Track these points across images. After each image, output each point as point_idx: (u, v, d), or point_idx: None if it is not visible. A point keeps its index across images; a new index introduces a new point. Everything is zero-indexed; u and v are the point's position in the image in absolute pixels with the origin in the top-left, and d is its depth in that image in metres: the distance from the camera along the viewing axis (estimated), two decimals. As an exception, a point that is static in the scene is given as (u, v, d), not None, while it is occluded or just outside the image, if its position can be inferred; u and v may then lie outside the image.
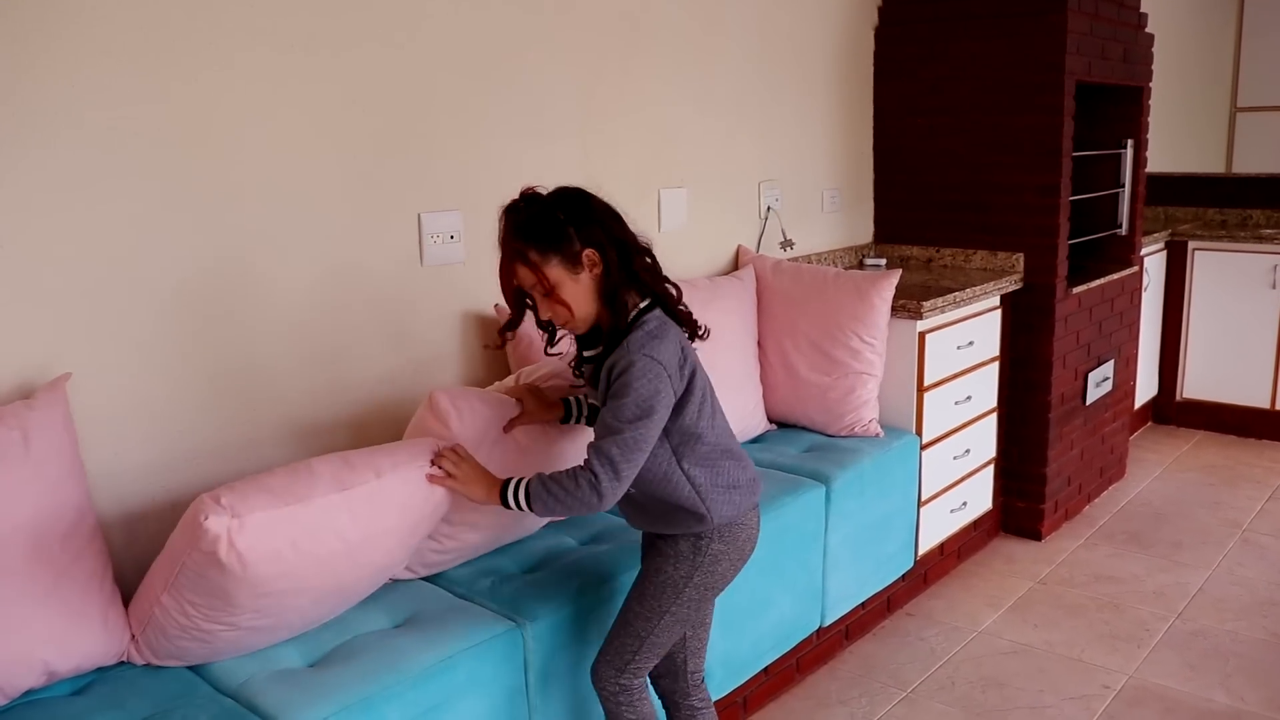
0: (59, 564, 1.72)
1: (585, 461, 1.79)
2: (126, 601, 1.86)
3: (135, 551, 2.01)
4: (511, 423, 2.06)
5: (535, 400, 2.09)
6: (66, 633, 1.72)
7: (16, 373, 1.85)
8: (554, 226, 1.78)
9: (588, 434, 2.15)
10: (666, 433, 1.86)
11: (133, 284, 1.99)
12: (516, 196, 1.82)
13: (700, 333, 1.94)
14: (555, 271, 1.80)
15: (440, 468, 1.85)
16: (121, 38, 1.91)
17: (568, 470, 1.81)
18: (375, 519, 1.79)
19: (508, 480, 1.84)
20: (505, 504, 1.83)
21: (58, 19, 1.83)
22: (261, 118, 2.14)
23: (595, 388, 1.90)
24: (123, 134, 1.93)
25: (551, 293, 1.81)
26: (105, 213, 1.93)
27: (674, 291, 1.89)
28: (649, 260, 1.86)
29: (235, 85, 2.09)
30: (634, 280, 1.83)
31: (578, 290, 1.81)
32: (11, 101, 1.79)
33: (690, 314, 1.92)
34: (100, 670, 1.82)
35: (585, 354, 1.95)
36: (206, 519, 1.60)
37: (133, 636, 1.83)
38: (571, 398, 2.11)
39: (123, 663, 1.84)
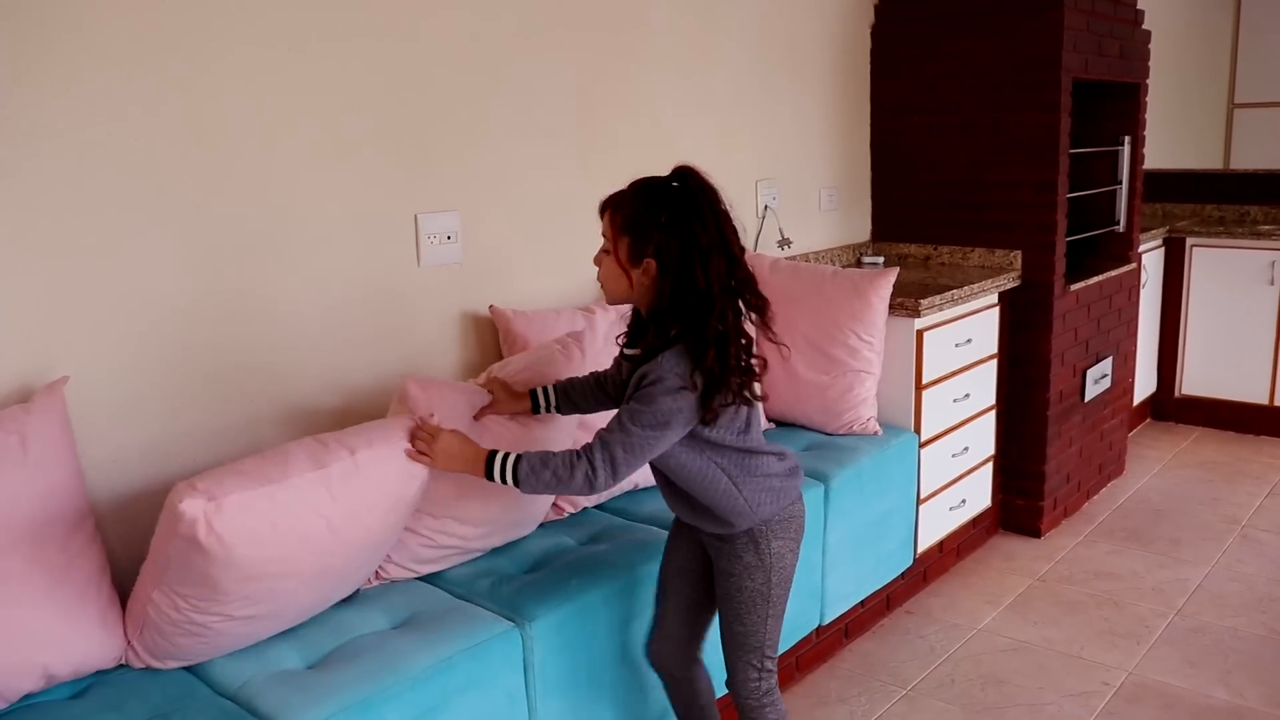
0: (57, 567, 1.72)
1: (586, 449, 1.80)
2: (125, 605, 1.86)
3: (134, 555, 2.01)
4: (482, 411, 2.10)
5: (504, 391, 2.14)
6: (65, 636, 1.72)
7: (14, 376, 1.85)
8: (649, 216, 1.78)
9: (555, 422, 2.20)
10: (696, 436, 1.85)
11: (131, 287, 1.98)
12: (685, 165, 1.84)
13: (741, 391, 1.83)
14: (621, 248, 1.81)
15: (415, 447, 1.85)
16: (119, 42, 1.91)
17: (564, 455, 1.81)
18: (355, 495, 1.79)
19: (493, 454, 1.84)
20: (490, 478, 1.83)
21: (56, 24, 1.83)
22: (257, 119, 2.14)
23: (624, 386, 1.89)
24: (119, 137, 1.93)
25: (609, 253, 1.83)
26: (103, 215, 1.93)
27: (721, 354, 1.76)
28: (706, 307, 1.75)
29: (231, 86, 2.09)
30: (680, 312, 1.77)
31: (621, 275, 1.83)
32: (9, 105, 1.79)
33: (739, 380, 1.80)
34: (99, 673, 1.82)
35: (627, 351, 1.94)
36: (182, 502, 1.61)
37: (129, 641, 1.83)
38: (539, 389, 2.14)
39: (122, 665, 1.84)
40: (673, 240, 1.76)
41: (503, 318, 2.58)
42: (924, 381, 3.19)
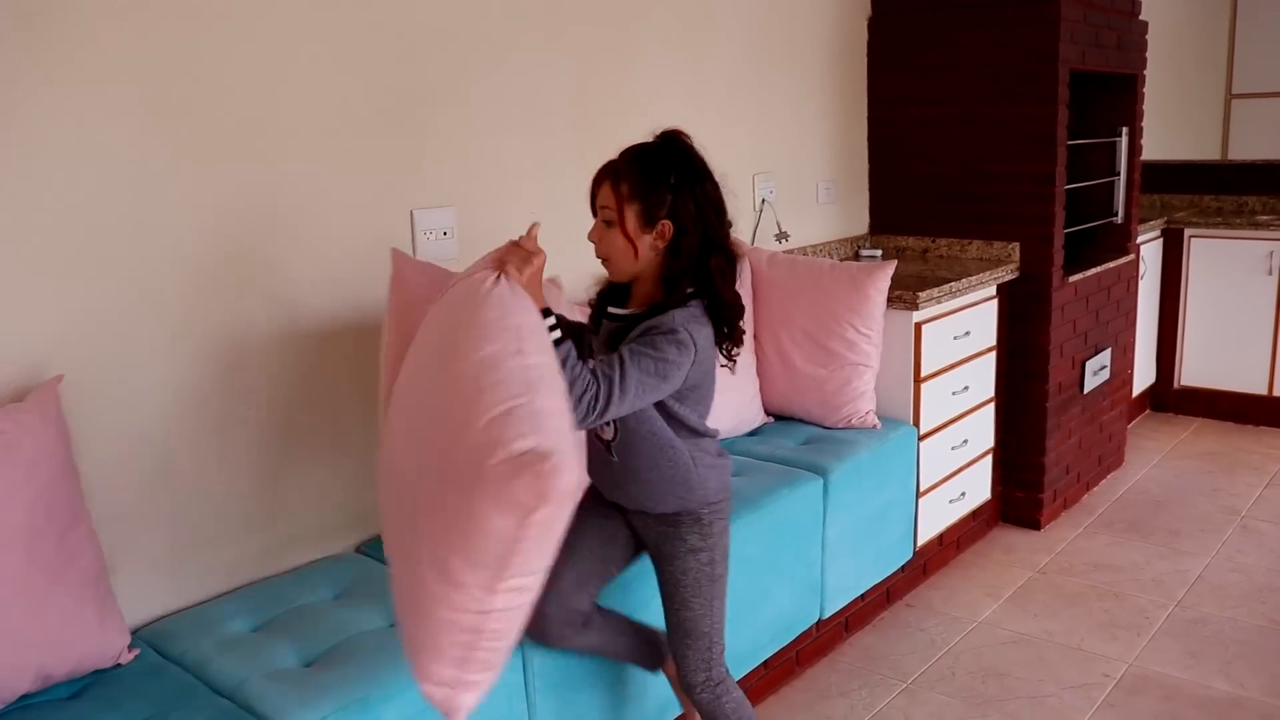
0: (53, 567, 1.71)
1: (594, 378, 1.68)
2: (123, 602, 1.86)
3: (131, 554, 2.00)
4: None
5: (557, 295, 2.11)
6: (62, 636, 1.72)
7: (10, 375, 1.84)
8: (658, 178, 1.78)
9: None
10: (664, 408, 1.87)
11: (127, 285, 1.97)
12: (673, 129, 1.84)
13: (731, 354, 1.92)
14: (630, 215, 1.79)
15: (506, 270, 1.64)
16: (115, 41, 1.90)
17: (587, 371, 1.68)
18: (525, 320, 1.58)
19: (548, 310, 1.67)
20: None
21: (52, 20, 1.82)
22: (250, 117, 2.13)
23: (607, 346, 1.85)
24: (115, 135, 1.92)
25: (612, 225, 1.80)
26: (98, 213, 1.92)
27: (736, 303, 1.87)
28: (728, 264, 1.84)
29: (224, 85, 2.08)
30: (700, 272, 1.81)
31: (628, 247, 1.81)
32: (6, 102, 1.79)
33: (741, 333, 1.90)
34: (97, 673, 1.81)
35: (611, 310, 1.91)
36: (556, 478, 1.35)
37: (440, 687, 1.54)
38: (556, 313, 2.05)
39: (119, 665, 1.84)
40: (686, 198, 1.78)
41: (500, 313, 2.57)
42: (923, 374, 3.18)
